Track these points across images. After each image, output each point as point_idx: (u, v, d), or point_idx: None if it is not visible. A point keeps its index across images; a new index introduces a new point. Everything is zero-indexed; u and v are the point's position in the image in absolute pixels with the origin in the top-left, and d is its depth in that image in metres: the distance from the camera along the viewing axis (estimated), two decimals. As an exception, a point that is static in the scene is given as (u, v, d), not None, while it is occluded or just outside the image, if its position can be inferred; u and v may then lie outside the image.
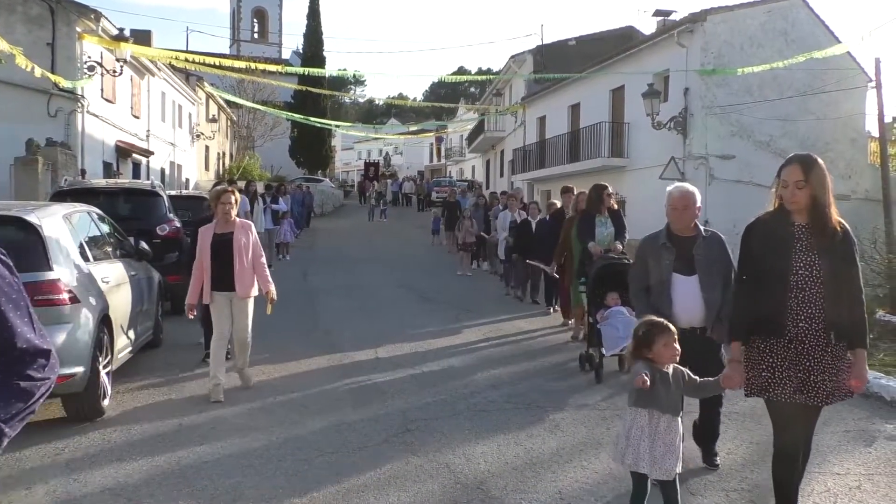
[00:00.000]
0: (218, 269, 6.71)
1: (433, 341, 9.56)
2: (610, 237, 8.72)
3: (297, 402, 6.73)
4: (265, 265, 7.01)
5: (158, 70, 25.94)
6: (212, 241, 6.78)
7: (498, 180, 39.24)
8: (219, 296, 6.75)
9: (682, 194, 4.86)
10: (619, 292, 7.51)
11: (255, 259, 6.86)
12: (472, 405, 6.62)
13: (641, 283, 4.97)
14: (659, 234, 4.93)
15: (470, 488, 4.74)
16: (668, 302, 4.73)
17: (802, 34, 19.34)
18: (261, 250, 7.00)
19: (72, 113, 18.16)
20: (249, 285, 6.80)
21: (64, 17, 17.89)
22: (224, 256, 6.69)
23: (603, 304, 7.66)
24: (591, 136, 23.31)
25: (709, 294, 4.73)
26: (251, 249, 6.82)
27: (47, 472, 4.91)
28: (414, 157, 74.74)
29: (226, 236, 6.77)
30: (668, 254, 4.82)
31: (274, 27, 64.34)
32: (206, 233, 6.84)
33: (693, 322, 4.74)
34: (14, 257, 5.91)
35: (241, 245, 6.74)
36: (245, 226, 6.96)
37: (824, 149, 19.44)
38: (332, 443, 5.56)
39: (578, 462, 5.23)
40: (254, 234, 6.95)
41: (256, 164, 40.36)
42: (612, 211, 8.97)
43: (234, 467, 5.02)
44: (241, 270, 6.71)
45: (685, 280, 4.78)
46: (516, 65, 34.07)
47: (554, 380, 7.65)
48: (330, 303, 12.78)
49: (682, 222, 4.87)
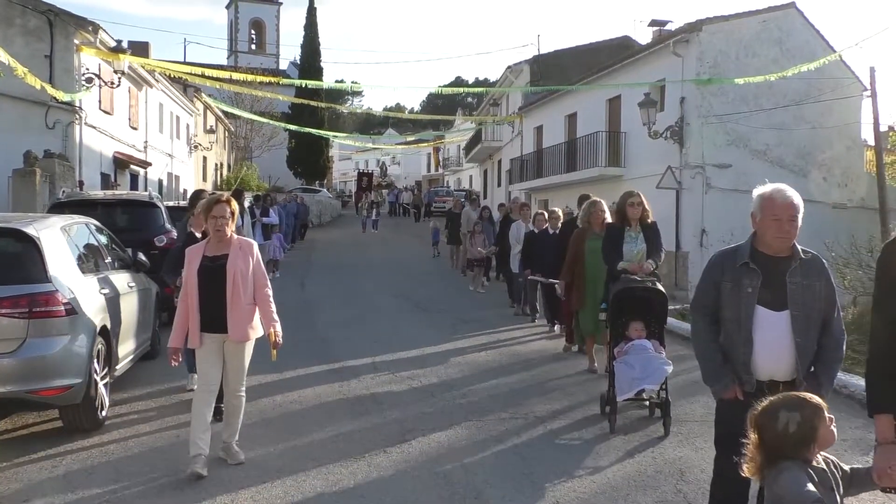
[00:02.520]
0: (207, 302, 5.17)
1: (430, 351, 9.56)
2: (640, 256, 7.00)
3: (294, 411, 6.73)
4: (270, 297, 5.41)
5: (156, 81, 25.99)
6: (199, 267, 5.22)
7: (495, 190, 39.30)
8: (207, 338, 5.21)
9: (789, 200, 3.56)
10: (644, 322, 6.52)
11: (258, 290, 5.33)
12: (470, 415, 6.62)
13: (703, 311, 3.78)
14: (739, 251, 3.71)
15: (467, 498, 4.74)
16: (748, 344, 3.55)
17: (797, 43, 19.43)
18: (265, 279, 5.43)
19: (70, 124, 18.17)
20: (247, 325, 5.25)
21: (62, 30, 17.93)
22: (215, 287, 5.16)
23: (624, 335, 6.54)
24: (588, 145, 23.36)
25: (803, 337, 3.51)
26: (252, 277, 5.29)
27: (45, 483, 4.90)
28: (411, 167, 74.84)
29: (218, 261, 5.22)
30: (752, 279, 3.57)
31: (271, 38, 64.55)
32: (193, 256, 5.29)
33: (777, 374, 3.55)
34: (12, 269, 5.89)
35: (238, 272, 5.18)
36: (245, 247, 5.32)
37: (820, 158, 19.55)
38: (329, 452, 5.56)
39: (575, 472, 5.24)
40: (256, 257, 5.37)
41: (254, 174, 40.42)
42: (645, 224, 7.19)
43: (232, 478, 5.02)
44: (237, 305, 5.17)
45: (773, 316, 3.54)
46: (513, 75, 34.17)
47: (551, 390, 7.65)
48: (327, 312, 12.78)
49: (783, 239, 3.56)
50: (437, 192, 46.73)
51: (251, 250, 5.36)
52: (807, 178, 19.42)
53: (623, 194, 7.35)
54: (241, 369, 5.36)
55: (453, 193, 43.76)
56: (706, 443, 5.81)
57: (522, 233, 12.68)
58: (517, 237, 12.92)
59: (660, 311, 6.62)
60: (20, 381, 5.41)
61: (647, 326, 6.53)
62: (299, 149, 46.11)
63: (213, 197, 5.46)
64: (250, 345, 5.39)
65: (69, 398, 5.65)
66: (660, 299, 6.58)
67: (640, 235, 7.13)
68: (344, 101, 76.82)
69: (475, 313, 12.90)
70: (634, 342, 6.37)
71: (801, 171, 19.33)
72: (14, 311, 5.41)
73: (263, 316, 5.37)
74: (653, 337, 6.49)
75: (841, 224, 16.31)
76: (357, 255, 23.99)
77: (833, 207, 19.30)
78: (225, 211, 5.22)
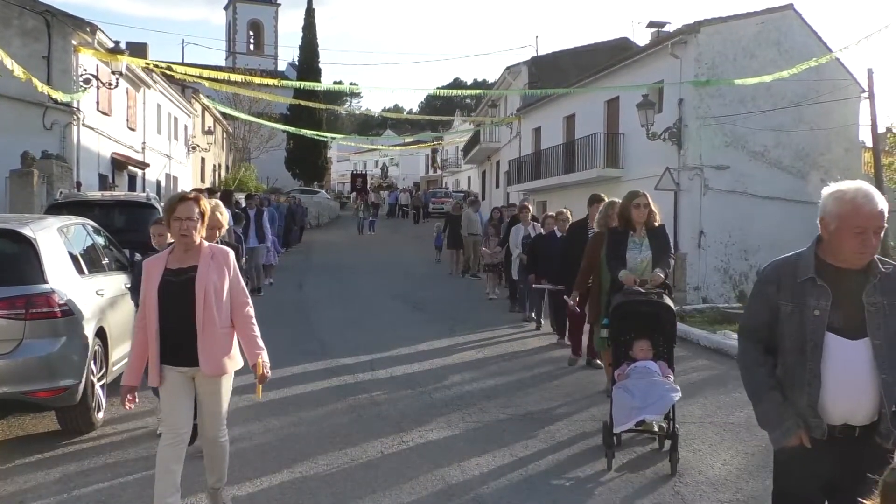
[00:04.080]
0: (171, 328, 4.10)
1: (428, 352, 9.55)
2: (646, 264, 6.20)
3: (291, 412, 6.71)
4: (252, 319, 4.30)
5: (154, 82, 25.98)
6: (160, 283, 4.12)
7: (494, 191, 39.30)
8: (173, 373, 4.15)
9: (877, 209, 2.79)
10: (650, 340, 5.73)
11: (237, 310, 4.23)
12: (467, 416, 6.62)
13: (753, 337, 3.07)
14: (800, 262, 2.94)
15: (464, 499, 4.73)
16: (815, 381, 2.84)
17: (795, 45, 19.46)
18: (245, 295, 4.33)
19: (67, 125, 18.15)
20: (223, 355, 4.16)
21: (60, 30, 17.91)
22: (181, 308, 4.07)
23: (627, 354, 5.75)
24: (587, 146, 23.39)
25: (889, 372, 2.81)
26: (228, 294, 4.19)
27: (41, 485, 4.89)
28: (409, 169, 74.86)
29: (184, 274, 4.13)
30: (820, 298, 2.84)
31: (269, 39, 64.60)
32: (152, 269, 4.19)
33: (854, 417, 2.84)
34: (9, 270, 5.85)
35: (211, 288, 4.10)
36: (219, 256, 4.22)
37: (818, 159, 19.58)
38: (326, 453, 5.55)
39: (573, 474, 5.23)
40: (233, 268, 4.26)
41: (252, 175, 40.42)
42: (651, 228, 6.39)
43: (229, 482, 5.00)
44: (210, 330, 4.09)
45: (847, 346, 2.84)
46: (511, 76, 34.19)
47: (549, 390, 7.65)
48: (325, 313, 12.77)
49: (866, 255, 2.84)
50: (436, 194, 46.67)
51: (227, 260, 4.23)
52: (805, 179, 19.44)
53: (627, 194, 6.51)
54: (218, 411, 4.26)
55: (452, 195, 43.77)
56: (703, 444, 5.81)
57: (521, 236, 12.24)
58: (516, 241, 12.46)
59: (668, 328, 5.76)
60: (17, 382, 5.40)
61: (654, 346, 5.73)
62: (297, 150, 46.14)
63: (177, 194, 4.37)
64: (229, 379, 4.29)
65: (66, 399, 5.64)
66: (667, 315, 5.72)
67: (644, 241, 6.30)
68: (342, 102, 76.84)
69: (473, 314, 12.89)
70: (637, 364, 5.58)
71: (799, 172, 19.36)
72: (11, 312, 5.40)
73: (245, 342, 4.24)
74: (660, 358, 5.71)
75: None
76: (355, 256, 23.98)
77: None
78: (191, 210, 4.10)
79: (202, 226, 4.18)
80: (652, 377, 5.42)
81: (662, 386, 5.35)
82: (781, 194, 19.01)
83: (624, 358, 5.75)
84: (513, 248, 12.61)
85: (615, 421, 5.32)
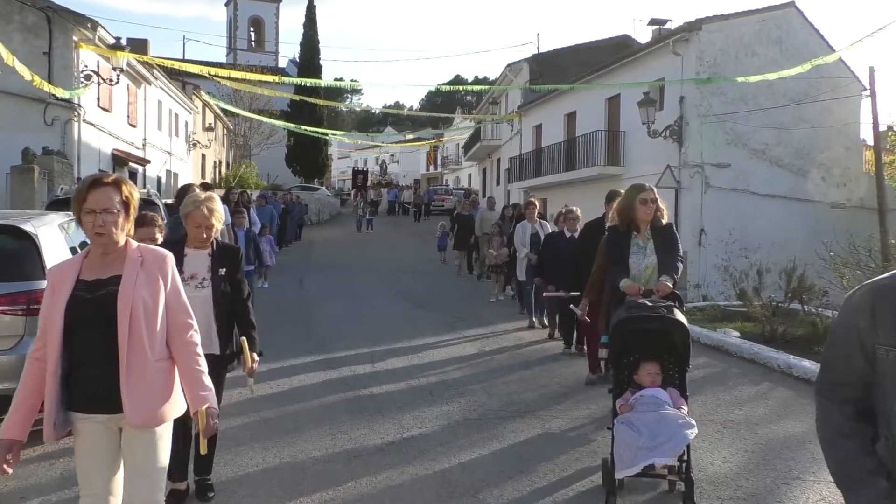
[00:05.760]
0: (83, 361, 2.99)
1: (428, 349, 9.56)
2: (651, 270, 5.30)
3: (291, 409, 6.72)
4: (197, 348, 3.17)
5: (155, 79, 25.97)
6: (69, 299, 2.98)
7: (494, 188, 39.31)
8: (87, 425, 3.07)
9: None
10: (659, 363, 4.79)
11: (176, 335, 3.12)
12: (467, 413, 6.62)
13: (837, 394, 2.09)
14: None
15: (465, 497, 4.74)
16: None
17: (797, 42, 19.46)
18: (188, 314, 3.17)
19: (68, 122, 18.17)
20: (158, 397, 3.05)
21: (61, 27, 17.92)
22: (96, 333, 2.97)
23: (632, 380, 4.85)
24: (587, 144, 23.39)
25: None
26: (164, 313, 3.08)
27: (42, 482, 4.90)
28: (410, 166, 74.88)
29: (102, 288, 3.01)
30: None
31: (270, 36, 64.58)
32: (57, 280, 3.05)
33: None
34: (10, 266, 5.84)
35: (139, 306, 2.99)
36: (152, 261, 3.09)
37: (819, 157, 19.59)
38: (326, 451, 5.56)
39: (574, 471, 5.23)
40: (172, 277, 3.13)
41: (253, 172, 40.42)
42: (657, 227, 5.38)
43: (230, 476, 5.02)
44: (139, 364, 2.97)
45: None
46: (512, 73, 34.17)
47: (549, 388, 7.65)
48: (325, 310, 12.77)
49: None
50: (437, 191, 46.53)
51: (162, 266, 3.08)
52: (805, 177, 19.48)
53: (630, 188, 5.50)
54: (151, 472, 3.08)
55: (452, 192, 43.72)
56: (704, 442, 5.81)
57: (528, 235, 11.53)
58: (522, 240, 11.67)
59: (681, 348, 4.81)
60: (18, 378, 5.39)
61: (663, 369, 4.82)
62: (298, 147, 46.11)
63: (88, 178, 3.09)
64: (166, 431, 3.12)
65: (66, 395, 5.61)
66: (679, 334, 4.75)
67: (650, 243, 5.34)
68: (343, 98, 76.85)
69: (473, 311, 12.89)
70: (644, 393, 4.67)
71: (799, 170, 19.38)
72: (12, 308, 5.40)
73: (186, 380, 3.10)
74: (670, 384, 4.81)
75: (839, 224, 16.34)
76: (356, 253, 23.98)
77: (832, 207, 19.34)
78: (109, 199, 2.95)
79: (127, 220, 3.03)
80: (662, 409, 4.52)
81: (675, 420, 4.43)
82: (782, 192, 19.04)
83: (627, 384, 4.85)
84: (519, 247, 11.84)
85: (618, 463, 4.43)
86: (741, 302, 11.30)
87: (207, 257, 4.47)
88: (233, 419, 6.35)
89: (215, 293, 4.40)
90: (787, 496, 4.80)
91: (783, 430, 6.19)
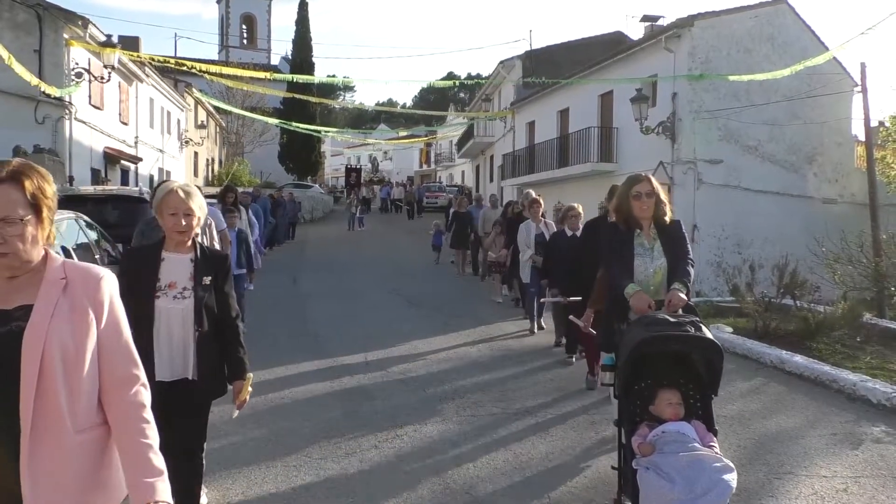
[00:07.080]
0: None
1: (422, 346, 9.55)
2: (661, 275, 4.57)
3: (285, 406, 6.71)
4: (145, 408, 2.14)
5: (146, 76, 25.88)
6: None
7: (488, 185, 39.32)
8: None
9: None
10: (678, 390, 3.94)
11: (115, 391, 2.10)
12: (461, 409, 6.62)
13: None
14: None
15: (458, 493, 4.74)
16: None
17: (789, 39, 19.52)
18: (132, 360, 2.15)
19: (59, 119, 18.11)
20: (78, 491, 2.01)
21: (51, 24, 17.84)
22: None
23: (647, 411, 3.95)
24: (580, 140, 23.42)
25: None
26: (90, 362, 2.04)
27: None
28: (403, 163, 74.82)
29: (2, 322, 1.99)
30: None
31: (262, 33, 64.37)
32: None
33: None
34: None
35: (56, 350, 1.96)
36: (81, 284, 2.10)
37: (811, 153, 19.67)
38: (320, 447, 5.55)
39: (567, 467, 5.24)
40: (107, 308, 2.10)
41: (245, 170, 40.32)
42: (661, 225, 4.67)
43: (223, 472, 5.01)
44: (51, 437, 1.96)
45: None
46: (505, 70, 34.17)
47: (543, 384, 7.66)
48: (319, 307, 12.75)
49: None
50: (429, 188, 46.31)
51: (96, 293, 2.11)
52: (798, 173, 19.55)
53: (627, 180, 4.76)
54: None
55: (446, 189, 43.67)
56: (697, 437, 5.82)
57: (533, 235, 10.82)
58: (527, 240, 10.92)
59: (708, 371, 3.99)
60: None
61: (684, 398, 3.93)
62: (291, 144, 46.02)
63: None
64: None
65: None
66: (710, 353, 3.93)
67: (656, 244, 4.60)
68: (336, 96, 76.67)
69: (467, 309, 12.89)
70: (667, 428, 3.78)
71: (792, 166, 19.45)
72: None
73: (127, 459, 2.09)
74: (693, 415, 3.94)
75: (831, 219, 16.39)
76: (349, 251, 23.94)
77: (824, 203, 19.44)
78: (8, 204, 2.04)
79: (40, 225, 2.14)
80: (693, 448, 3.66)
81: (710, 464, 3.60)
82: (775, 188, 19.10)
83: (641, 415, 3.96)
84: (522, 248, 11.02)
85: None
86: (734, 298, 11.33)
87: (189, 263, 3.74)
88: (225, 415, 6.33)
89: (197, 305, 3.67)
90: (779, 490, 4.81)
91: (776, 424, 6.21)
